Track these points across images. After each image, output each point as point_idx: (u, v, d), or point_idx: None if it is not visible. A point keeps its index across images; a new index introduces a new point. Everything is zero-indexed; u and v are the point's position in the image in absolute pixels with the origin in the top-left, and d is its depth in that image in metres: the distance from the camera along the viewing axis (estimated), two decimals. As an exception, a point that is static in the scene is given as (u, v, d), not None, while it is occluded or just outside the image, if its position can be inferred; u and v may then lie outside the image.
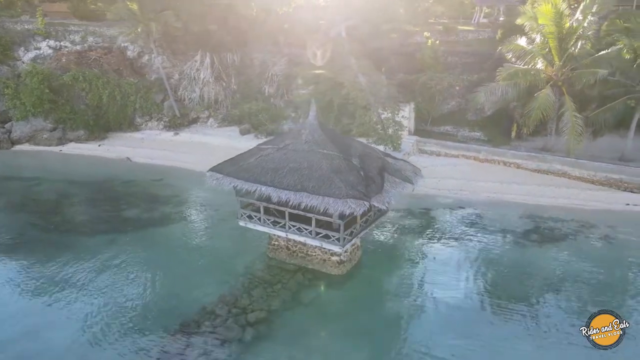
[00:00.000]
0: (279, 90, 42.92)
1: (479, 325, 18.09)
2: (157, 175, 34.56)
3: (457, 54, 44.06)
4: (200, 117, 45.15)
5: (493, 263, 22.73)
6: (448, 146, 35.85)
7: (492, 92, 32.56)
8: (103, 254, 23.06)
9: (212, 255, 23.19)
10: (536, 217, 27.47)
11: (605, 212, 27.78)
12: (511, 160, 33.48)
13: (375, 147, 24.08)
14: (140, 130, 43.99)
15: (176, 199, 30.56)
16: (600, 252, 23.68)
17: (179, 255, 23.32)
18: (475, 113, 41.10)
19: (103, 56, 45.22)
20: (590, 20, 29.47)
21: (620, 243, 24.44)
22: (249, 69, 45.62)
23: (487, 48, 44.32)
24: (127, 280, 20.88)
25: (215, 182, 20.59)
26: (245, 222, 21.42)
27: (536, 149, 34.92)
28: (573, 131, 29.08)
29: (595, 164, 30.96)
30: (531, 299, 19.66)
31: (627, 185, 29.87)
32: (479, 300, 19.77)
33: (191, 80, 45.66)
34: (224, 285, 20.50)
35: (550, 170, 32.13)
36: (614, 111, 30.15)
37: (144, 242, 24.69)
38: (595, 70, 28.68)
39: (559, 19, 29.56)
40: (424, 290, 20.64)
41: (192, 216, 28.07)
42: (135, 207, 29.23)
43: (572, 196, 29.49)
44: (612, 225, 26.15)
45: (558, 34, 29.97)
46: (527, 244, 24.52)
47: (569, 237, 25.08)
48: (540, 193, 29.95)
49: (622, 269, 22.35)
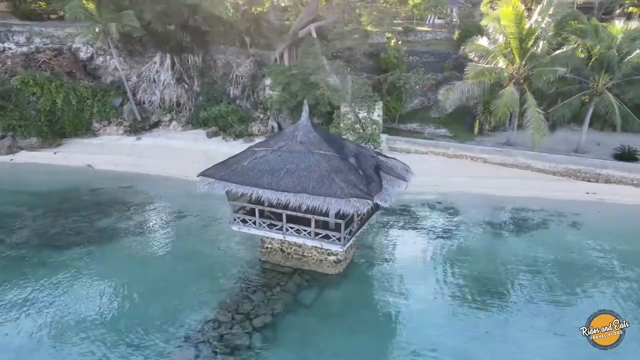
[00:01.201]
0: (244, 91, 42.34)
1: (474, 316, 18.77)
2: (126, 182, 33.10)
3: (417, 53, 45.43)
4: (163, 121, 43.66)
5: (479, 254, 23.73)
6: (417, 143, 36.90)
7: (459, 90, 33.85)
8: (83, 268, 21.82)
9: (201, 262, 22.53)
10: (509, 208, 28.99)
11: (569, 201, 29.70)
12: (478, 155, 35.00)
13: (365, 146, 24.38)
14: (99, 135, 41.89)
15: (151, 206, 29.47)
16: (572, 238, 25.29)
17: (166, 264, 22.53)
18: (437, 111, 42.69)
19: (53, 58, 42.78)
20: (548, 21, 31.35)
21: (587, 229, 26.24)
22: (212, 71, 44.68)
23: (446, 48, 46.21)
24: (116, 295, 19.86)
25: (207, 187, 20.02)
26: (239, 226, 21.02)
27: (499, 144, 36.76)
28: (537, 126, 30.87)
29: (556, 157, 33.05)
30: (522, 287, 20.61)
31: (584, 175, 32.09)
32: (470, 291, 20.42)
33: (151, 82, 44.16)
34: (221, 292, 20.07)
35: (515, 164, 33.92)
36: (571, 107, 32.31)
37: (125, 252, 23.60)
38: (554, 68, 30.63)
39: (519, 20, 31.26)
40: (417, 284, 21.03)
41: (172, 223, 27.08)
42: (107, 216, 27.85)
43: (538, 187, 31.28)
44: (577, 213, 28.04)
45: (518, 35, 31.68)
46: (506, 235, 25.83)
47: (542, 226, 26.64)
48: (508, 185, 31.51)
49: (595, 253, 23.85)
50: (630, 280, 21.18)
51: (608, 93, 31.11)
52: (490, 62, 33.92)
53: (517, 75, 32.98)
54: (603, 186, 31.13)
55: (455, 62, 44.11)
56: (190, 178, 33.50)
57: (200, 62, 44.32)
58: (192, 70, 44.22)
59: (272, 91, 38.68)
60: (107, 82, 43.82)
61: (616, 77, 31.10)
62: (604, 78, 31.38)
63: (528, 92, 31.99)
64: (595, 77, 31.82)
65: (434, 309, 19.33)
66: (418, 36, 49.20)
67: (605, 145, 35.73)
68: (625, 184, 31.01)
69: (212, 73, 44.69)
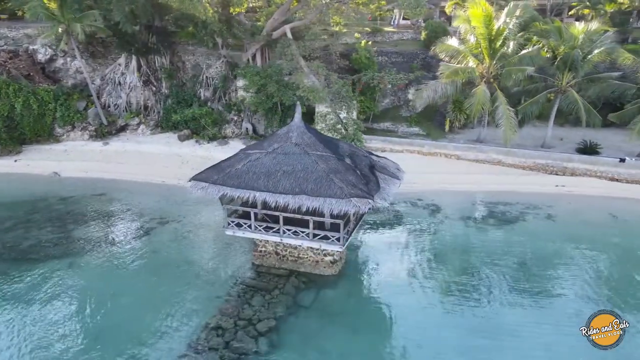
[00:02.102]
0: (216, 93, 41.56)
1: (469, 310, 19.35)
2: (98, 190, 31.81)
3: (386, 53, 46.08)
4: (130, 125, 42.15)
5: (466, 249, 24.46)
6: (393, 142, 37.52)
7: (433, 89, 34.72)
8: (67, 282, 20.85)
9: (192, 269, 22.01)
10: (486, 202, 30.06)
11: (541, 194, 31.16)
12: (452, 152, 36.03)
13: (357, 147, 24.54)
14: (62, 141, 39.93)
15: (129, 213, 28.43)
16: (549, 230, 26.54)
17: (155, 272, 21.80)
18: (408, 110, 43.58)
19: (8, 60, 40.32)
20: (515, 22, 32.70)
21: (562, 221, 27.64)
22: (180, 72, 43.57)
23: (413, 48, 47.15)
24: (106, 308, 19.02)
25: (201, 192, 19.57)
26: (234, 230, 20.68)
27: (470, 141, 38.01)
28: (508, 123, 32.15)
29: (525, 152, 34.56)
30: (512, 279, 21.40)
31: (552, 169, 33.72)
32: (462, 284, 21.04)
33: (116, 85, 42.60)
34: (217, 298, 19.67)
35: (487, 160, 35.18)
36: (538, 104, 33.86)
37: (109, 262, 22.64)
38: (523, 67, 32.01)
39: (489, 21, 32.44)
40: (409, 280, 21.42)
41: (155, 230, 26.16)
42: (84, 225, 26.69)
43: (511, 182, 32.59)
44: (550, 205, 29.47)
45: (488, 35, 32.86)
46: (488, 228, 26.79)
47: (520, 219, 27.82)
48: (483, 181, 32.68)
49: (572, 242, 25.12)
50: (609, 267, 22.58)
51: (572, 90, 32.84)
52: (461, 62, 34.98)
53: (487, 75, 34.19)
54: (570, 179, 32.83)
55: (423, 62, 45.18)
56: (167, 183, 32.99)
57: (167, 63, 43.10)
58: (160, 72, 42.95)
59: (245, 92, 38.21)
60: (68, 85, 41.80)
61: (579, 76, 32.88)
62: (568, 76, 33.10)
63: (498, 90, 33.24)
64: (559, 75, 33.49)
65: (429, 304, 19.80)
66: (385, 37, 49.92)
67: (568, 140, 37.74)
68: (590, 176, 32.83)
69: (181, 75, 43.56)
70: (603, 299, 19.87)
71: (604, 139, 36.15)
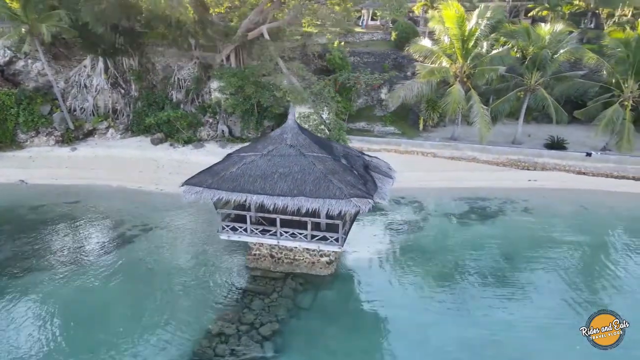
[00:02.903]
0: (188, 95, 40.67)
1: (463, 302, 19.91)
2: (71, 197, 30.45)
3: (358, 54, 46.63)
4: (98, 129, 40.57)
5: (453, 244, 25.09)
6: (370, 141, 37.96)
7: (409, 88, 35.41)
8: (50, 296, 19.84)
9: (185, 276, 21.46)
10: (466, 198, 30.89)
11: (515, 189, 32.40)
12: (428, 150, 36.86)
13: (350, 147, 24.64)
14: (25, 147, 37.87)
15: (109, 221, 27.39)
16: (528, 223, 27.58)
17: (147, 281, 21.09)
18: (382, 109, 44.29)
19: (-37, 63, 38.04)
20: (486, 24, 33.82)
21: (538, 213, 28.85)
22: (150, 74, 42.35)
23: (384, 48, 47.92)
24: (101, 320, 18.27)
25: (195, 196, 19.14)
26: (229, 234, 20.37)
27: (445, 139, 38.98)
28: (483, 120, 33.23)
29: (499, 148, 35.83)
30: (500, 271, 22.18)
31: (524, 164, 35.14)
32: (454, 277, 21.63)
33: (82, 88, 40.92)
34: (216, 304, 19.33)
35: (463, 157, 36.22)
36: (509, 102, 35.20)
37: (96, 273, 21.70)
38: (495, 67, 33.22)
39: (461, 22, 33.41)
40: (404, 277, 21.81)
41: (140, 237, 25.26)
42: (61, 235, 25.54)
43: (487, 178, 33.73)
44: (526, 199, 30.70)
45: (461, 36, 33.83)
46: (471, 223, 27.59)
47: (500, 213, 28.83)
48: (461, 177, 33.63)
49: (550, 235, 26.18)
50: (587, 258, 23.84)
51: (542, 89, 34.34)
52: (435, 62, 35.86)
53: (460, 74, 35.19)
54: (541, 173, 34.32)
55: (394, 62, 46.08)
56: (144, 188, 32.06)
57: (136, 65, 41.79)
58: (128, 74, 41.61)
59: (221, 94, 37.61)
60: (30, 89, 39.76)
61: (547, 75, 34.43)
62: (536, 75, 34.56)
63: (472, 89, 34.30)
64: (528, 74, 34.92)
65: (423, 299, 20.22)
66: (356, 37, 50.44)
67: (535, 137, 39.41)
68: (559, 170, 34.44)
69: (151, 77, 42.34)
70: (585, 288, 20.95)
71: (568, 134, 37.95)
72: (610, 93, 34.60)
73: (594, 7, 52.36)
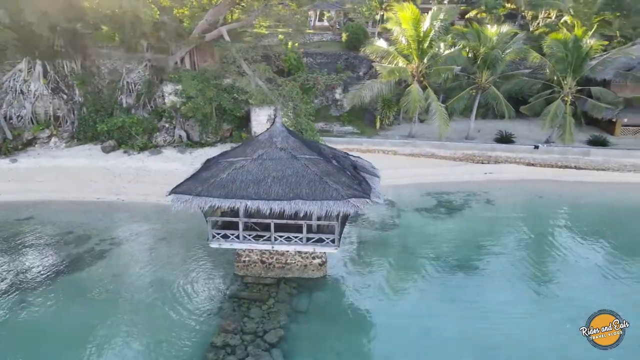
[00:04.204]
0: (140, 100, 38.74)
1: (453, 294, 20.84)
2: (22, 213, 28.02)
3: (310, 55, 46.81)
4: (39, 138, 37.62)
5: (428, 237, 26.00)
6: (332, 141, 37.81)
7: (369, 88, 36.15)
8: (24, 321, 18.23)
9: (171, 290, 20.47)
10: (433, 193, 32.11)
11: (474, 182, 34.18)
12: (389, 148, 37.85)
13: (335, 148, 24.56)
14: (-46, 162, 34.31)
15: (72, 237, 25.38)
16: (493, 213, 29.35)
17: (128, 299, 19.88)
18: (337, 109, 44.89)
19: None
20: (440, 25, 35.31)
21: (499, 204, 30.72)
22: (95, 78, 39.85)
23: (336, 49, 48.46)
24: (88, 347, 16.96)
25: (184, 205, 18.35)
26: (220, 242, 19.72)
27: (403, 136, 40.20)
28: (442, 118, 34.69)
29: (455, 144, 37.56)
30: (480, 262, 23.34)
31: (479, 158, 37.13)
32: (436, 269, 22.49)
33: (17, 94, 37.73)
34: (213, 315, 18.70)
35: (422, 154, 37.58)
36: (463, 99, 37.03)
37: (69, 294, 20.12)
38: (451, 67, 34.79)
39: (417, 24, 34.63)
40: (391, 273, 22.39)
41: (110, 253, 23.65)
42: (20, 255, 23.41)
43: (447, 172, 35.27)
44: (486, 191, 32.50)
45: (417, 37, 35.07)
46: (442, 217, 28.75)
47: (466, 206, 30.29)
48: (423, 173, 34.85)
49: (515, 223, 28.07)
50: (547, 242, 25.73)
51: (492, 87, 36.47)
52: (392, 62, 36.90)
53: (416, 74, 36.46)
54: (495, 166, 36.46)
55: (346, 63, 46.78)
56: (104, 199, 30.19)
57: (79, 68, 39.22)
58: (70, 78, 38.91)
59: (178, 98, 36.23)
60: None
61: (496, 73, 36.64)
62: (486, 74, 36.64)
63: (429, 88, 35.70)
64: (479, 73, 36.92)
65: (414, 292, 20.87)
66: (306, 38, 50.50)
67: (485, 132, 41.69)
68: (510, 163, 36.77)
69: (96, 81, 39.86)
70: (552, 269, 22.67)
71: (513, 129, 40.59)
72: (551, 90, 37.46)
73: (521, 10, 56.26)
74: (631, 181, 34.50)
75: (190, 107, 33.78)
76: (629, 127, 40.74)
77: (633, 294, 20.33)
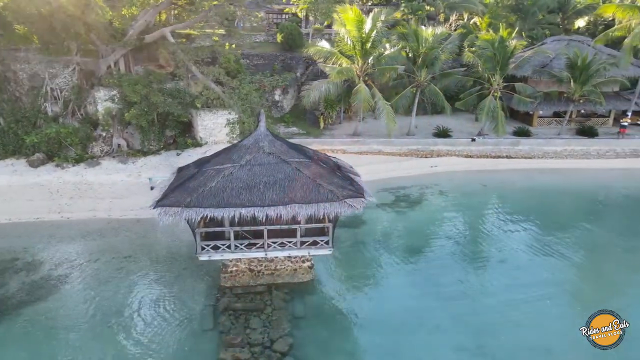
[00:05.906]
0: (68, 107, 35.34)
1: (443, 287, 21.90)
2: (-52, 242, 24.36)
3: (247, 56, 45.76)
4: (-55, 155, 32.84)
5: (399, 231, 27.08)
6: (281, 144, 37.90)
7: (318, 89, 36.39)
8: None
9: (156, 310, 19.13)
10: (388, 189, 33.21)
11: (423, 175, 35.96)
12: (338, 147, 38.35)
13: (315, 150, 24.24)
14: None
15: (21, 263, 22.53)
16: (449, 203, 31.18)
17: (105, 325, 18.23)
18: (277, 110, 44.54)
19: None
20: (381, 26, 36.48)
21: (451, 194, 32.66)
22: (12, 84, 35.58)
23: (271, 50, 48.02)
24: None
25: (172, 218, 17.25)
26: (210, 254, 18.78)
27: (348, 135, 40.97)
28: (389, 115, 35.94)
29: (400, 140, 39.11)
30: (447, 250, 24.71)
31: (422, 153, 39.05)
32: (415, 261, 23.52)
33: None
34: (210, 332, 17.80)
35: (370, 151, 38.63)
36: (406, 97, 38.70)
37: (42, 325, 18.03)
38: (395, 66, 36.17)
39: (360, 25, 35.50)
40: (377, 270, 22.91)
41: (71, 278, 21.20)
42: (-40, 290, 20.36)
43: (396, 168, 36.64)
44: (436, 183, 34.36)
45: (360, 38, 35.96)
46: (405, 211, 29.89)
47: (423, 198, 31.80)
48: (375, 170, 35.71)
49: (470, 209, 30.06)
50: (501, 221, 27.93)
51: (432, 85, 38.53)
52: (335, 63, 37.45)
53: (360, 74, 37.39)
54: (438, 159, 38.59)
55: (283, 64, 46.58)
56: (46, 219, 27.46)
57: (-13, 74, 34.82)
58: (-22, 85, 34.44)
59: (115, 104, 33.63)
60: None
61: (435, 72, 38.78)
62: (425, 73, 38.62)
63: (375, 87, 36.81)
64: (419, 72, 38.79)
65: (401, 286, 21.57)
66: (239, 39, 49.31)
67: (422, 127, 43.83)
68: (451, 156, 39.18)
69: (13, 87, 35.63)
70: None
71: (446, 124, 43.17)
72: (481, 86, 40.49)
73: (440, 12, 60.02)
74: (554, 167, 38.50)
75: (135, 113, 31.49)
76: (543, 118, 45.32)
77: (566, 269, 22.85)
